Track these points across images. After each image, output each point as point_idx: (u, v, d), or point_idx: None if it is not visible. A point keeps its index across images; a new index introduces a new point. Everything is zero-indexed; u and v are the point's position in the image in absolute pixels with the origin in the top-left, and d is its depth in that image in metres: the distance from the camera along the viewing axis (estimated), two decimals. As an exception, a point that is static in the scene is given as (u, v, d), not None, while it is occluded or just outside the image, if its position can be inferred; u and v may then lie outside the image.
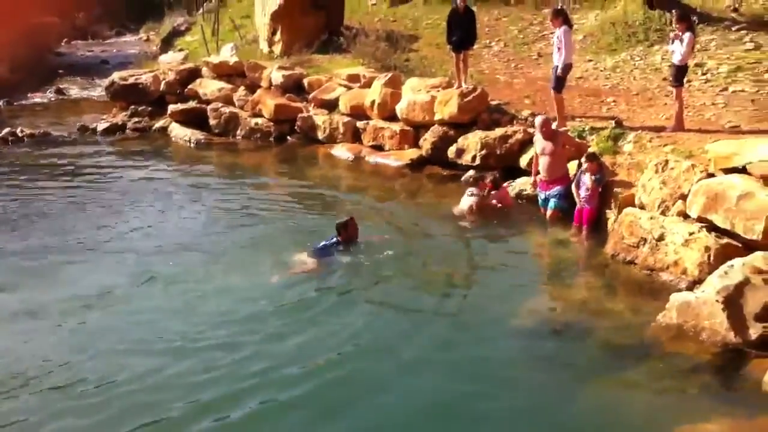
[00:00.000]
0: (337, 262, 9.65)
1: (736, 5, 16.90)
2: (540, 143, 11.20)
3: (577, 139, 11.79)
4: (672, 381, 6.88)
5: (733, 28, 15.61)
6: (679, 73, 11.27)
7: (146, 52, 27.78)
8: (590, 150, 11.19)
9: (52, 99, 23.68)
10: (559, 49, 12.11)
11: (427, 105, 14.11)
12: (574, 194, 10.59)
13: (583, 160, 10.65)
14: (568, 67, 12.23)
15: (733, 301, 7.28)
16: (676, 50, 11.22)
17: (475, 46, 15.34)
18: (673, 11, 16.34)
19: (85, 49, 33.54)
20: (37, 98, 23.58)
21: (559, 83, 12.31)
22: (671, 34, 11.64)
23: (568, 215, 10.77)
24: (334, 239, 9.82)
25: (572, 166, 11.13)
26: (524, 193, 11.80)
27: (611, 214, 10.12)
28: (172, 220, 11.84)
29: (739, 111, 11.80)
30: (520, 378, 7.06)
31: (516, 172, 12.34)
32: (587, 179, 10.35)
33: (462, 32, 13.98)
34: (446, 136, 13.61)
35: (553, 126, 11.66)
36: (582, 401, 6.65)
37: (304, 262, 9.62)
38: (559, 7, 14.93)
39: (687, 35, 11.01)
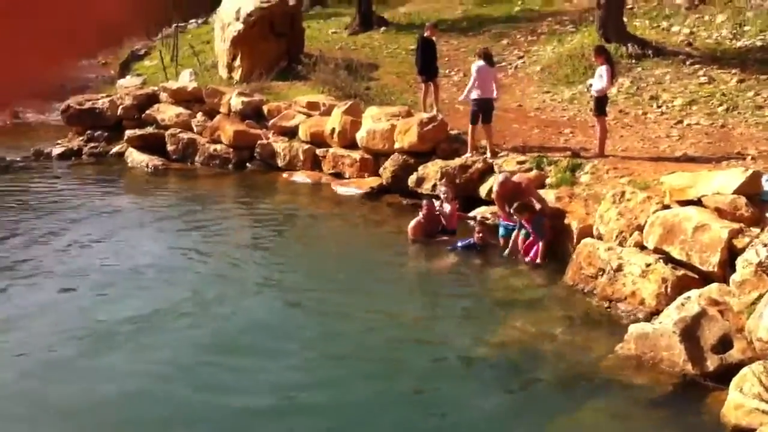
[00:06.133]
0: None
1: (690, 40, 17.28)
2: None
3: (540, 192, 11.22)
4: (631, 412, 6.89)
5: (687, 62, 15.93)
6: (599, 103, 11.93)
7: (104, 76, 27.44)
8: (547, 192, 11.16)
9: (7, 122, 23.21)
10: None
11: (387, 133, 14.13)
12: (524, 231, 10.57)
13: (511, 211, 10.50)
14: (474, 102, 12.64)
15: (690, 332, 7.35)
16: (595, 82, 11.85)
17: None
18: (629, 44, 16.83)
19: (41, 72, 33.04)
20: (-9, 121, 23.11)
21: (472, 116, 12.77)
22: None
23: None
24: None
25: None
26: (487, 221, 11.77)
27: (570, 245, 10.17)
28: (125, 247, 11.55)
29: (694, 143, 12.02)
30: (477, 411, 6.98)
31: (475, 202, 12.37)
32: (526, 225, 10.40)
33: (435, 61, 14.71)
34: (406, 165, 13.63)
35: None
36: (541, 433, 6.64)
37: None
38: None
39: (603, 68, 11.64)
